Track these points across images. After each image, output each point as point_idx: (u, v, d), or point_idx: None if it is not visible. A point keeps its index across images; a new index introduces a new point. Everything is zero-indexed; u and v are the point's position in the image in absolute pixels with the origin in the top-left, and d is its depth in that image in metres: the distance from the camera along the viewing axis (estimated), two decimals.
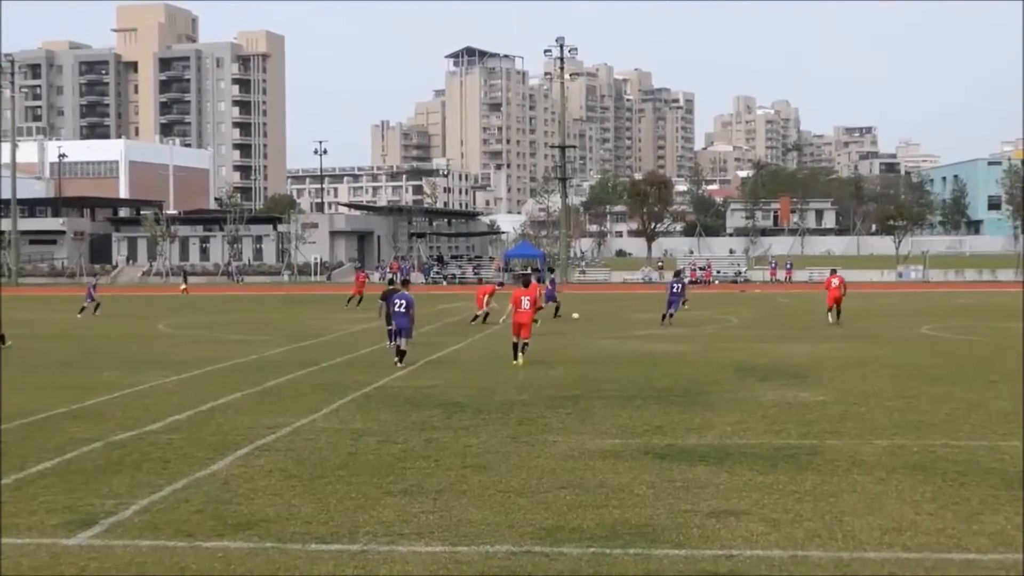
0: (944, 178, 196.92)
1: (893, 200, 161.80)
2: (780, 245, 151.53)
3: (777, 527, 10.91)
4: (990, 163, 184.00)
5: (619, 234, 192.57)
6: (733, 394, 20.73)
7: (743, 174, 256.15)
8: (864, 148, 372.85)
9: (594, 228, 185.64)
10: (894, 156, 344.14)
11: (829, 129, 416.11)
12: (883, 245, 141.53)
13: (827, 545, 10.29)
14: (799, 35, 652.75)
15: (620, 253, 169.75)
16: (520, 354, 26.68)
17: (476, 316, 40.37)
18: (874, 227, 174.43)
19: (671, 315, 39.82)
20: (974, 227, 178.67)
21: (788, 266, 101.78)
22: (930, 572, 9.48)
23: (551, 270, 63.97)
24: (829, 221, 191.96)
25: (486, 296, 40.60)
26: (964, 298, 64.15)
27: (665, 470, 13.62)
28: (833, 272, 43.24)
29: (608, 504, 11.88)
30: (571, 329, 38.13)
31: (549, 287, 46.33)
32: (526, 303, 27.06)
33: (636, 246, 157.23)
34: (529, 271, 71.89)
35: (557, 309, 44.10)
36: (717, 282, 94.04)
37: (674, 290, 40.56)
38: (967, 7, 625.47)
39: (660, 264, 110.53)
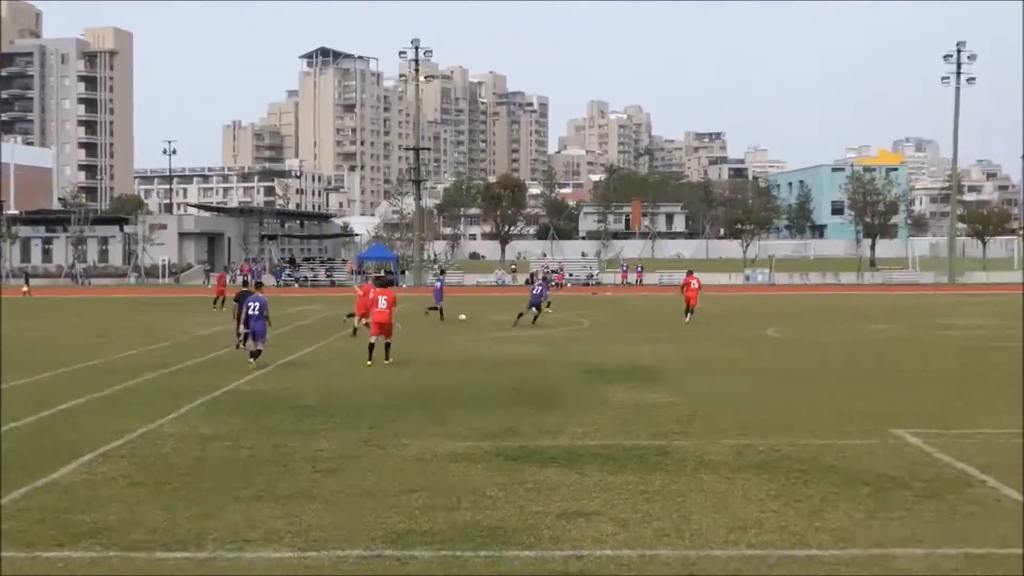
0: (791, 183, 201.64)
1: (741, 204, 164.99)
2: (631, 248, 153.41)
3: (626, 527, 11.04)
4: (834, 169, 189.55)
5: (473, 237, 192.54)
6: (584, 396, 20.92)
7: (596, 178, 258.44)
8: (714, 153, 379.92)
9: (448, 231, 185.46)
10: (742, 161, 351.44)
11: (680, 134, 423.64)
12: (731, 248, 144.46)
13: (675, 544, 10.44)
14: (652, 41, 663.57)
15: (474, 256, 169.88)
16: (373, 355, 26.66)
17: (353, 314, 40.11)
18: (723, 231, 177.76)
19: (535, 316, 40.69)
20: (818, 231, 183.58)
21: (639, 269, 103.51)
22: (773, 569, 9.68)
23: (442, 271, 64.51)
24: (679, 225, 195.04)
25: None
26: (808, 301, 65.93)
27: (517, 472, 13.68)
28: (690, 273, 44.14)
29: (460, 507, 11.88)
30: (425, 332, 38.05)
31: (438, 287, 48.94)
32: (383, 303, 26.98)
33: (490, 249, 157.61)
34: (383, 273, 71.99)
35: (440, 311, 45.88)
36: (569, 285, 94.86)
37: (535, 292, 41.99)
38: (818, 7, 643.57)
39: (514, 267, 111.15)
